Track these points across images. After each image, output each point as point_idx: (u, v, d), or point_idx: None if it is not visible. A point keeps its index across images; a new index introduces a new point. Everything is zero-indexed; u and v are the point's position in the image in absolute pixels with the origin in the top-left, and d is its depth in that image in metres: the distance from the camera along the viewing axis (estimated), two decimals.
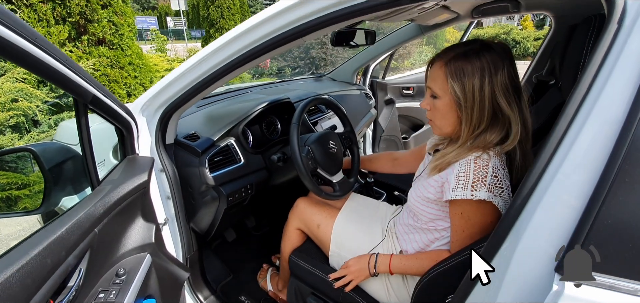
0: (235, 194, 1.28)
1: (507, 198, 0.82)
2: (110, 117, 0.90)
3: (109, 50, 4.46)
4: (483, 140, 0.84)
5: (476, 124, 0.85)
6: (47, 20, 3.80)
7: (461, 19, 2.03)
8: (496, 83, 0.82)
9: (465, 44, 0.87)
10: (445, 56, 0.88)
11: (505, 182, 0.82)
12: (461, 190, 0.82)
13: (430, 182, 0.94)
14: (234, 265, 1.72)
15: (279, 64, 7.59)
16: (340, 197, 1.29)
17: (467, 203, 0.82)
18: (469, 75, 0.83)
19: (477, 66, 0.82)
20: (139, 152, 1.14)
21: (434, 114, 0.93)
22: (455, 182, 0.84)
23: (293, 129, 1.19)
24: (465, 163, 0.83)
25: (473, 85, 0.83)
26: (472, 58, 0.83)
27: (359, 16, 0.83)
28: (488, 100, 0.83)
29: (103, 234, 0.82)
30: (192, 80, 1.08)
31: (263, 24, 0.91)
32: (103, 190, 0.87)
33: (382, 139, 2.85)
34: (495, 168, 0.81)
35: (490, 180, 0.80)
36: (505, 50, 0.85)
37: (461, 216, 0.85)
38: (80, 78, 0.71)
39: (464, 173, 0.83)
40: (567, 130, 0.54)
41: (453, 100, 0.87)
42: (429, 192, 0.94)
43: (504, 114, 0.83)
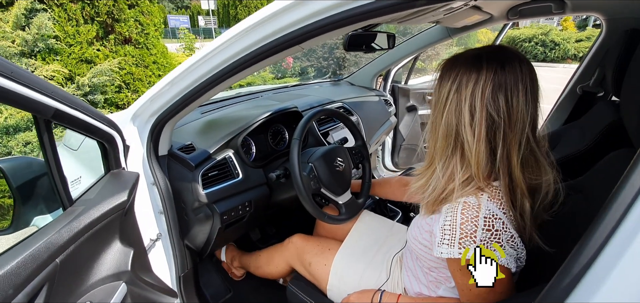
0: (231, 212, 1.17)
1: (511, 251, 0.66)
2: (85, 131, 0.81)
3: (134, 49, 4.55)
4: (452, 172, 0.71)
5: (438, 137, 0.74)
6: (76, 20, 3.91)
7: (495, 20, 1.81)
8: (462, 96, 0.68)
9: (473, 50, 0.74)
10: (452, 58, 0.76)
11: (505, 233, 0.65)
12: (447, 247, 0.67)
13: (424, 224, 0.79)
14: (235, 281, 1.62)
15: (302, 64, 7.50)
16: (345, 220, 1.16)
17: (456, 261, 0.67)
18: (444, 79, 0.73)
19: (454, 72, 0.71)
20: (126, 165, 1.06)
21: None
22: (440, 236, 0.69)
23: (294, 145, 1.06)
24: (451, 212, 0.68)
25: (443, 90, 0.72)
26: (457, 64, 0.72)
27: (369, 19, 0.70)
28: (448, 114, 0.70)
29: (68, 263, 0.73)
30: (184, 88, 0.98)
31: (261, 26, 0.80)
32: (74, 212, 0.78)
33: (403, 147, 2.66)
34: (487, 218, 0.65)
35: (481, 234, 0.64)
36: (506, 71, 0.67)
37: (461, 272, 0.69)
38: (37, 93, 0.62)
39: (449, 225, 0.67)
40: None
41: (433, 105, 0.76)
42: (423, 236, 0.79)
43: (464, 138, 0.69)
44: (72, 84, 3.78)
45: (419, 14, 1.22)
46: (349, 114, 1.77)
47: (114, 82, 4.20)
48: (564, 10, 1.38)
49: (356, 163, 1.33)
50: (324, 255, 1.13)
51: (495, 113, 0.66)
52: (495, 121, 0.66)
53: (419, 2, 0.67)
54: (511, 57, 0.68)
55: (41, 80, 0.64)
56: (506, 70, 0.66)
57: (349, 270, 1.06)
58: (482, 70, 0.67)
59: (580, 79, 1.71)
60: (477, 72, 0.67)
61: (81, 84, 3.80)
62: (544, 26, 13.86)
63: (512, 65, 0.67)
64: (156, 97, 1.04)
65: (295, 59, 7.40)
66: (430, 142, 0.77)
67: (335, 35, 0.83)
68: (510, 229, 0.66)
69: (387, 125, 2.18)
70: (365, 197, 1.28)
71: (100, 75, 3.95)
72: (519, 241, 0.67)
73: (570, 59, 12.65)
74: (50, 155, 0.72)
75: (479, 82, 0.66)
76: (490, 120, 0.66)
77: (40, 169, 0.83)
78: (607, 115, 1.28)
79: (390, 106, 2.34)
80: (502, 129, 0.66)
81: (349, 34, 1.40)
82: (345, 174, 1.21)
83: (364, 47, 1.46)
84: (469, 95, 0.67)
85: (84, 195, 0.86)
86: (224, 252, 1.60)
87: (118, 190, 0.89)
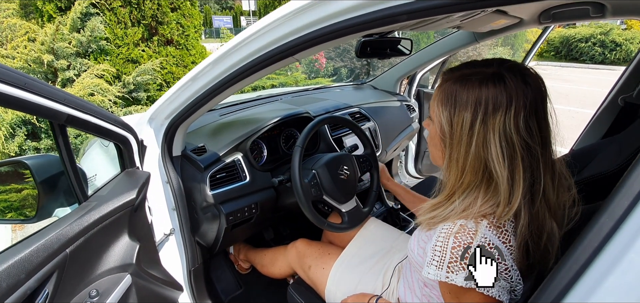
0: (237, 213, 1.22)
1: (504, 284, 0.60)
2: (99, 134, 0.89)
3: (175, 50, 4.84)
4: (471, 203, 0.64)
5: (460, 172, 0.66)
6: (124, 23, 4.24)
7: (526, 25, 1.69)
8: (490, 127, 0.61)
9: (480, 64, 0.67)
10: (449, 73, 0.70)
11: (501, 264, 0.60)
12: (435, 268, 0.63)
13: (420, 241, 0.76)
14: (247, 277, 1.68)
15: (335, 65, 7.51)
16: (347, 229, 1.15)
17: (448, 284, 0.63)
18: (460, 105, 0.64)
19: (473, 97, 0.63)
20: (141, 164, 1.14)
21: (429, 139, 0.77)
22: (430, 255, 0.65)
23: (295, 152, 1.08)
24: (445, 233, 0.63)
25: (463, 119, 0.64)
26: (472, 85, 0.63)
27: (386, 25, 0.68)
28: (476, 147, 0.62)
29: (78, 254, 0.81)
30: (195, 91, 1.03)
31: (266, 33, 0.81)
32: (87, 206, 0.86)
33: (427, 154, 2.58)
34: (482, 247, 0.60)
35: None
36: (532, 90, 0.62)
37: (449, 295, 0.66)
38: (50, 100, 0.70)
39: (440, 247, 0.63)
40: None
41: (439, 130, 0.70)
42: (418, 253, 0.77)
43: (495, 174, 0.62)
44: (118, 81, 4.11)
45: (431, 21, 1.17)
46: (364, 119, 1.75)
47: (156, 80, 4.50)
48: (603, 14, 1.26)
49: (364, 171, 1.31)
50: (323, 260, 1.14)
51: (530, 140, 0.61)
52: (532, 148, 0.61)
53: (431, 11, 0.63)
54: (527, 70, 0.64)
55: (54, 89, 0.72)
56: (530, 86, 0.62)
57: (346, 277, 1.06)
58: (511, 92, 0.60)
59: (623, 88, 1.55)
60: (505, 95, 0.60)
61: (127, 82, 4.12)
62: (605, 25, 12.61)
63: (533, 79, 0.63)
64: (170, 101, 1.11)
65: (329, 59, 7.42)
66: (448, 176, 0.69)
67: (350, 40, 0.82)
68: (508, 260, 0.61)
69: (408, 131, 2.13)
70: (370, 207, 1.26)
71: (144, 74, 4.24)
72: (516, 274, 0.62)
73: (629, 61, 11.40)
74: (66, 155, 0.80)
75: (510, 108, 0.60)
76: (527, 149, 0.61)
77: (60, 166, 0.92)
78: None
79: (413, 111, 2.28)
80: (538, 154, 0.62)
81: (361, 40, 1.39)
82: (349, 182, 1.21)
83: (378, 53, 1.43)
84: (500, 126, 0.60)
85: (99, 192, 0.94)
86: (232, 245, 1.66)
87: (129, 188, 0.96)
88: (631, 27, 13.40)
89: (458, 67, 0.69)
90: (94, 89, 3.55)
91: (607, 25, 12.52)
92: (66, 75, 3.87)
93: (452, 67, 0.71)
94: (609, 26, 12.41)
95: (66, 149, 0.80)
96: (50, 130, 3.36)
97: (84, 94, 3.43)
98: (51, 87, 0.71)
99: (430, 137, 0.77)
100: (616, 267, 0.33)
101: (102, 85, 3.63)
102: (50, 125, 0.76)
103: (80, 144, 3.27)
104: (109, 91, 3.71)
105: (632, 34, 11.97)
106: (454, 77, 0.67)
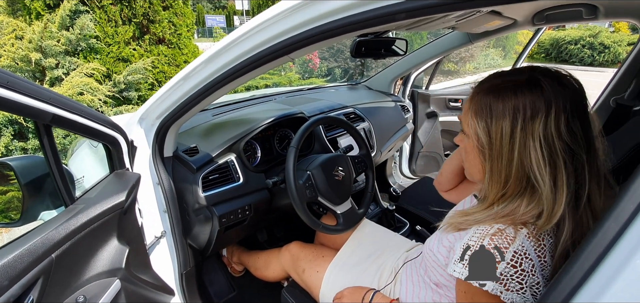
0: (230, 215, 1.19)
1: (530, 298, 0.58)
2: (87, 134, 0.86)
3: (167, 49, 4.78)
4: (512, 211, 0.62)
5: (503, 183, 0.63)
6: (115, 21, 4.17)
7: (519, 26, 1.70)
8: (530, 133, 0.59)
9: (511, 73, 0.66)
10: (479, 86, 0.68)
11: (532, 277, 0.57)
12: (462, 267, 0.62)
13: (444, 240, 0.74)
14: (240, 279, 1.65)
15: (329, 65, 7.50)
16: (342, 230, 1.14)
17: (469, 285, 0.62)
18: (496, 115, 0.62)
19: (510, 105, 0.61)
20: (132, 166, 1.11)
21: (465, 154, 0.75)
22: (460, 252, 0.63)
23: (290, 153, 1.06)
24: (480, 233, 0.61)
25: (502, 128, 0.61)
26: (506, 94, 0.62)
27: (379, 24, 0.67)
28: (518, 156, 0.60)
29: (64, 259, 0.78)
30: (187, 91, 1.01)
31: (260, 31, 0.79)
32: (73, 209, 0.83)
33: (421, 155, 2.58)
34: (518, 254, 0.57)
35: (504, 267, 0.57)
36: (570, 90, 0.60)
37: (464, 295, 0.65)
38: (34, 99, 0.67)
39: (473, 246, 0.61)
40: None
41: (477, 142, 0.67)
42: (440, 252, 0.75)
43: (537, 182, 0.60)
44: (109, 81, 4.04)
45: (426, 21, 1.17)
46: (359, 120, 1.74)
47: (148, 79, 4.43)
48: (596, 16, 1.27)
49: (359, 172, 1.30)
50: (317, 262, 1.12)
51: (574, 144, 0.58)
52: (576, 152, 0.59)
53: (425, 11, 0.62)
54: (560, 73, 0.62)
55: (38, 87, 0.69)
56: (568, 88, 0.60)
57: (340, 279, 1.05)
58: (549, 95, 0.58)
59: (615, 90, 1.56)
60: (543, 99, 0.58)
61: (117, 81, 4.05)
62: (593, 28, 12.85)
63: (569, 81, 0.61)
64: (161, 101, 1.08)
65: (322, 59, 7.41)
66: (489, 189, 0.67)
67: (345, 39, 0.81)
68: (539, 275, 0.58)
69: (403, 131, 2.12)
70: (366, 208, 1.25)
71: (135, 73, 4.18)
72: (542, 291, 0.59)
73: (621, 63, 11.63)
74: (51, 156, 0.77)
75: (550, 112, 0.58)
76: (570, 153, 0.59)
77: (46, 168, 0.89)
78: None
79: (408, 112, 2.27)
80: (583, 158, 0.59)
81: (357, 40, 1.38)
82: (344, 183, 1.19)
83: (373, 53, 1.42)
84: (541, 131, 0.58)
85: (86, 194, 0.91)
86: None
87: (118, 190, 0.93)
88: (619, 30, 13.66)
89: (487, 79, 0.68)
90: (84, 88, 3.48)
91: (595, 28, 12.75)
92: (55, 74, 3.79)
93: (481, 80, 0.69)
94: (597, 29, 12.65)
95: (51, 150, 0.77)
96: None
97: (73, 93, 3.36)
98: (35, 86, 0.68)
99: (466, 153, 0.73)
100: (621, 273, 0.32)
101: (91, 84, 3.56)
102: (35, 125, 0.73)
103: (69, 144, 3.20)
104: (99, 90, 3.64)
105: (619, 37, 12.21)
106: (484, 88, 0.66)
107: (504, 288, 0.57)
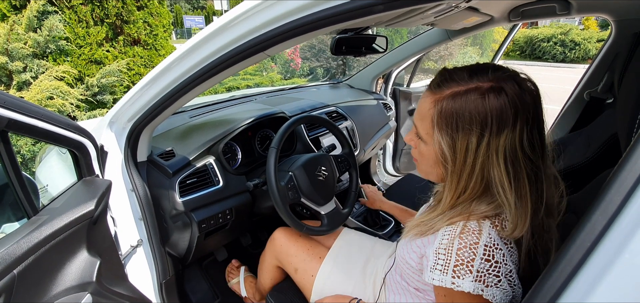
0: (211, 220, 1.15)
1: (508, 289, 0.58)
2: (49, 140, 0.80)
3: (143, 50, 4.62)
4: (472, 210, 0.62)
5: (461, 190, 0.63)
6: (86, 22, 3.99)
7: (496, 22, 1.73)
8: (495, 148, 0.58)
9: (471, 72, 0.62)
10: (438, 89, 0.63)
11: (505, 267, 0.57)
12: (439, 273, 0.60)
13: (413, 246, 0.72)
14: (224, 286, 1.60)
15: (311, 65, 7.47)
16: (327, 232, 1.11)
17: (449, 290, 0.60)
18: (463, 128, 0.59)
19: (478, 117, 0.57)
20: (102, 172, 1.05)
21: (420, 156, 0.71)
22: (434, 260, 0.62)
23: (270, 153, 1.03)
24: (448, 235, 0.61)
25: (467, 144, 0.59)
26: (473, 104, 0.58)
27: (341, 22, 0.66)
28: (480, 168, 0.60)
29: (27, 274, 0.72)
30: (160, 91, 0.96)
31: (235, 26, 0.75)
32: (36, 221, 0.77)
33: (404, 152, 2.60)
34: (488, 247, 0.57)
35: (479, 264, 0.56)
36: (530, 99, 0.58)
37: (444, 298, 0.63)
38: None
39: (444, 250, 0.60)
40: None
41: (438, 153, 0.64)
42: (411, 257, 0.73)
43: (500, 197, 0.59)
44: (81, 84, 3.86)
45: (406, 17, 1.16)
46: (341, 118, 1.72)
47: (123, 82, 4.27)
48: (569, 11, 1.30)
49: (342, 171, 1.28)
50: (312, 265, 1.06)
51: (533, 154, 0.59)
52: (534, 161, 0.59)
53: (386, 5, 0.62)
54: (518, 75, 0.60)
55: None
56: (526, 92, 0.58)
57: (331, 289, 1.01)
58: (515, 105, 0.57)
59: (588, 83, 1.61)
60: (511, 110, 0.57)
61: (90, 84, 3.87)
62: (564, 25, 13.38)
63: (528, 86, 0.60)
64: (131, 102, 1.03)
65: (304, 59, 7.37)
66: (446, 194, 0.66)
67: (318, 35, 0.79)
68: (510, 262, 0.58)
69: (386, 129, 2.13)
70: (350, 207, 1.23)
71: (109, 76, 4.02)
72: (516, 277, 0.60)
73: (591, 59, 12.15)
74: (9, 165, 0.71)
75: (516, 126, 0.57)
76: (530, 163, 0.59)
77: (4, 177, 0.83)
78: (613, 125, 1.19)
79: (390, 110, 2.28)
80: (540, 165, 0.60)
81: (337, 37, 1.36)
82: (328, 183, 1.17)
83: (353, 51, 1.41)
84: (507, 146, 0.57)
85: (51, 204, 0.85)
86: (243, 287, 1.45)
87: (87, 199, 0.87)
88: (588, 27, 14.29)
89: (445, 79, 0.63)
90: (54, 92, 3.31)
91: (566, 26, 13.28)
92: (22, 78, 3.59)
93: (439, 79, 0.64)
94: (568, 26, 13.17)
95: (9, 158, 0.71)
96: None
97: (43, 97, 3.19)
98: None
99: (422, 156, 0.69)
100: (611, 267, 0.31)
101: (62, 87, 3.39)
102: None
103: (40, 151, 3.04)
104: (70, 94, 3.47)
105: (589, 34, 12.75)
106: (447, 95, 0.61)
107: (484, 286, 0.56)
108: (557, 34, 13.07)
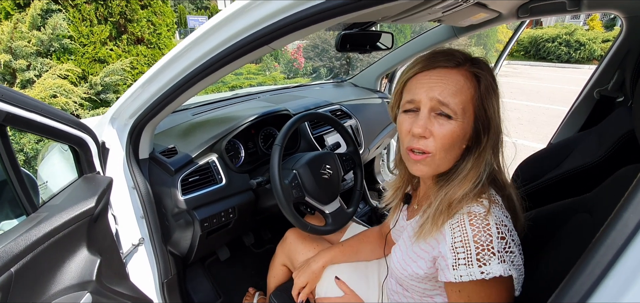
0: (213, 219, 1.13)
1: (521, 264, 0.58)
2: (49, 136, 0.78)
3: (147, 49, 4.62)
4: (463, 194, 0.64)
5: (454, 152, 0.68)
6: (90, 20, 4.00)
7: (505, 19, 1.70)
8: (483, 104, 0.66)
9: (454, 55, 0.68)
10: (465, 63, 0.66)
11: (514, 239, 0.59)
12: (465, 267, 0.58)
13: (418, 251, 0.69)
14: (227, 286, 1.58)
15: (314, 64, 7.44)
16: (331, 231, 1.09)
17: (473, 283, 0.58)
18: (495, 94, 0.66)
19: (495, 83, 0.67)
20: (103, 169, 1.03)
21: (436, 144, 0.64)
22: (453, 257, 0.59)
23: (274, 151, 1.01)
24: (458, 227, 0.59)
25: (496, 106, 0.67)
26: (488, 70, 0.67)
27: (328, 18, 0.64)
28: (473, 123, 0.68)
29: (25, 273, 0.70)
30: (162, 86, 0.94)
31: (238, 18, 0.73)
32: (35, 218, 0.75)
33: None
34: (498, 224, 0.58)
35: (497, 244, 0.56)
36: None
37: (459, 295, 0.61)
38: None
39: (461, 241, 0.58)
40: None
41: (472, 126, 0.65)
42: (418, 266, 0.69)
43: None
44: (85, 83, 3.86)
45: (413, 12, 1.14)
46: (346, 116, 1.70)
47: (126, 81, 4.27)
48: (579, 8, 1.27)
49: (347, 170, 1.26)
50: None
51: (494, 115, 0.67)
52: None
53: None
54: (476, 58, 0.69)
55: None
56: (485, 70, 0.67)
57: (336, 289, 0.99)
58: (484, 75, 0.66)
59: (598, 82, 1.58)
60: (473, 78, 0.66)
61: (94, 83, 3.87)
62: (569, 26, 13.26)
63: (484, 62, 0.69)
64: (133, 98, 1.01)
65: (307, 59, 7.35)
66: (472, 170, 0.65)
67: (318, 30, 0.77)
68: (514, 232, 0.61)
69: (390, 128, 2.10)
70: (355, 206, 1.21)
71: (113, 74, 4.02)
72: (521, 251, 0.61)
73: (596, 60, 12.03)
74: (7, 160, 0.69)
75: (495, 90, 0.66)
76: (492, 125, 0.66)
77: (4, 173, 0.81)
78: (625, 123, 1.16)
79: None
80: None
81: (341, 33, 1.33)
82: (332, 182, 1.15)
83: (358, 48, 1.39)
84: (490, 105, 0.65)
85: (51, 201, 0.84)
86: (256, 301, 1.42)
87: (87, 196, 0.86)
88: (593, 28, 14.16)
89: (461, 56, 0.68)
90: (57, 91, 3.31)
91: (571, 26, 13.16)
92: (26, 76, 3.60)
93: (445, 53, 0.67)
94: (573, 27, 13.05)
95: (7, 153, 0.69)
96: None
97: (46, 95, 3.19)
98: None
99: (446, 139, 0.63)
100: None
101: (65, 86, 3.39)
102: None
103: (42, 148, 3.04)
104: (74, 92, 3.47)
105: (594, 34, 12.63)
106: (474, 68, 0.66)
107: (507, 266, 0.55)
108: (561, 34, 12.95)
